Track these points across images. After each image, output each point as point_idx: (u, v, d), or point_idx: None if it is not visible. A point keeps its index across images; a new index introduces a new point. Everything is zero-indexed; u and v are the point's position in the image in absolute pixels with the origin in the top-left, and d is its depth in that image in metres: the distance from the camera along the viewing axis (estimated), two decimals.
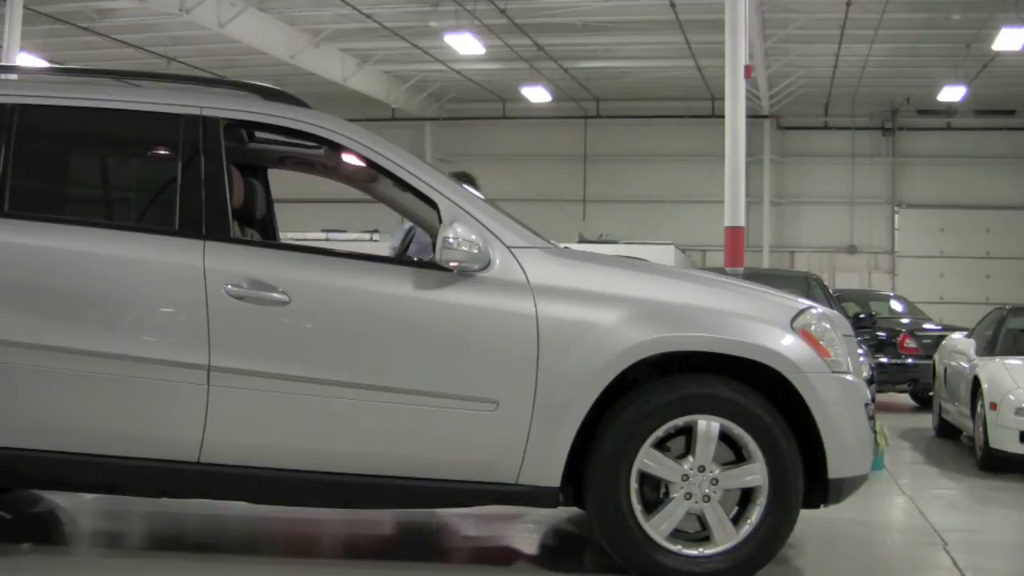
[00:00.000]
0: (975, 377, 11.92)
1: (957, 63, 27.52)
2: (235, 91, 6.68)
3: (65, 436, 5.90)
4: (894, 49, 27.12)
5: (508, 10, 24.12)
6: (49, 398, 5.86)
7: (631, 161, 34.44)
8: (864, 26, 24.40)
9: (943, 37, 25.71)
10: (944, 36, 25.59)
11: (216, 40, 24.86)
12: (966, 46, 25.86)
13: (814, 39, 26.26)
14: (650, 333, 5.91)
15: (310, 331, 5.99)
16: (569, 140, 35.32)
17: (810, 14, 23.97)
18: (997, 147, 33.30)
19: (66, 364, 5.84)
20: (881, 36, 25.26)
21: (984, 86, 29.43)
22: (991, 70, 27.81)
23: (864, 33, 25.02)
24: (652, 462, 5.96)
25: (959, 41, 25.69)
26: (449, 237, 5.87)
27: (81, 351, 5.84)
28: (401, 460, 5.97)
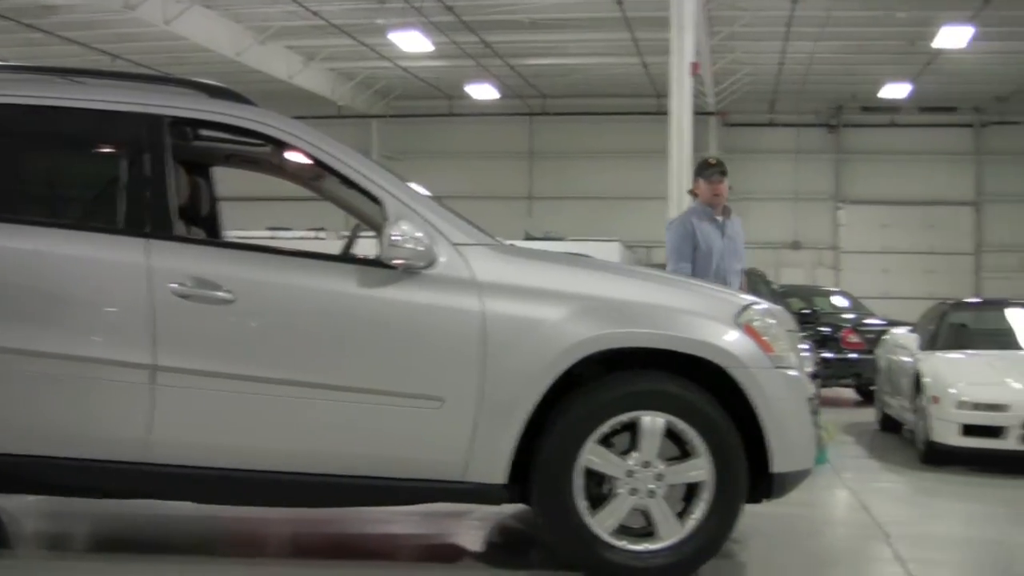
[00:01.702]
0: (917, 371, 12.03)
1: (901, 61, 27.73)
2: (180, 88, 6.66)
3: (8, 437, 5.86)
4: (839, 46, 27.29)
5: (455, 7, 24.10)
6: None
7: (577, 158, 34.49)
8: (810, 23, 24.54)
9: (888, 35, 25.89)
10: (889, 34, 25.76)
11: (161, 37, 24.69)
12: (910, 44, 26.05)
13: (760, 36, 26.37)
14: (595, 330, 5.94)
15: (255, 329, 5.98)
16: (516, 137, 35.34)
17: (756, 11, 24.06)
18: (940, 144, 33.61)
19: (9, 364, 5.81)
20: (826, 33, 25.41)
21: (927, 83, 29.68)
22: (934, 68, 28.04)
23: (810, 31, 25.17)
24: (597, 458, 5.98)
25: (903, 39, 25.87)
26: (394, 235, 5.87)
27: (25, 351, 5.80)
28: (347, 458, 5.97)
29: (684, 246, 9.10)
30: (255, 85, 23.84)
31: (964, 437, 10.95)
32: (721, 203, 9.23)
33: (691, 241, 9.09)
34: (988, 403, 10.91)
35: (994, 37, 25.08)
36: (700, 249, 9.07)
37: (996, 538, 8.23)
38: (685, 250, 9.09)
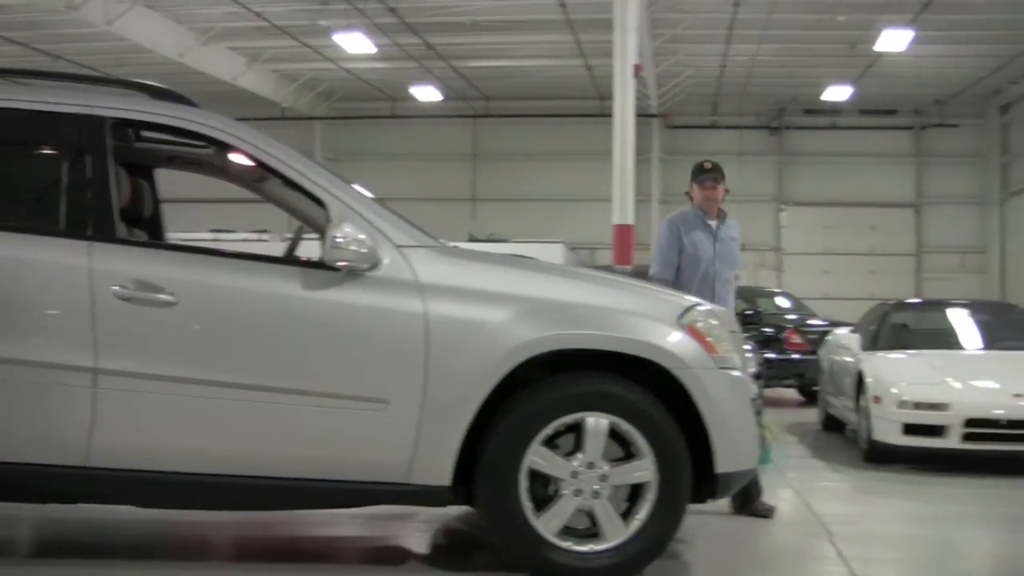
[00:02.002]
0: (859, 371, 12.12)
1: (842, 63, 27.95)
2: (122, 90, 6.63)
3: None
4: (781, 49, 27.48)
5: (398, 9, 24.08)
6: None
7: (521, 160, 34.56)
8: (752, 26, 24.69)
9: (829, 38, 26.09)
10: (830, 37, 25.95)
11: (104, 38, 24.53)
12: (851, 47, 26.25)
13: (702, 39, 26.51)
14: (539, 331, 5.94)
15: (198, 332, 5.95)
16: (459, 139, 35.35)
17: (698, 14, 24.19)
18: (880, 146, 33.94)
19: None
20: (768, 36, 25.57)
21: (868, 86, 29.92)
22: (875, 70, 28.28)
23: (752, 33, 25.31)
24: (542, 460, 5.99)
25: (844, 42, 26.07)
26: (337, 236, 5.86)
27: None
28: (291, 461, 5.95)
29: (669, 252, 8.83)
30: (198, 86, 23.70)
31: (905, 436, 11.04)
32: (714, 208, 8.96)
33: (676, 246, 8.82)
34: (929, 402, 11.01)
35: (933, 41, 25.33)
36: (687, 254, 8.77)
37: (937, 536, 8.30)
38: (670, 256, 8.81)
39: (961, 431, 10.83)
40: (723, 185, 8.98)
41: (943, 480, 10.70)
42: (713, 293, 8.51)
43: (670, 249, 8.81)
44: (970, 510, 9.44)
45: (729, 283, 8.86)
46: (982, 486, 10.48)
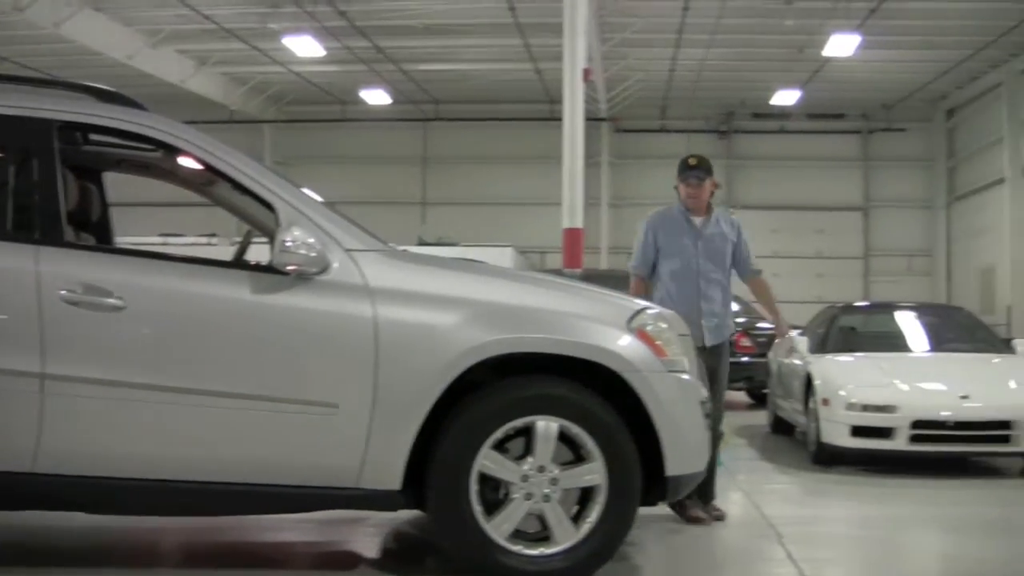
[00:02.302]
0: (808, 374, 12.19)
1: (791, 68, 28.12)
2: (69, 92, 6.57)
3: None
4: (730, 53, 27.61)
5: (348, 12, 24.05)
6: None
7: (471, 164, 34.55)
8: (700, 31, 24.80)
9: (777, 42, 26.25)
10: (778, 41, 26.11)
11: (51, 40, 24.34)
12: (799, 51, 26.41)
13: (652, 43, 26.59)
14: (488, 335, 5.94)
15: (147, 336, 5.91)
16: (409, 143, 35.31)
17: (647, 18, 24.28)
18: (829, 150, 34.18)
19: None
20: (717, 41, 25.69)
21: (816, 90, 30.13)
22: (823, 75, 28.47)
23: (700, 38, 25.43)
24: (492, 463, 5.99)
25: (792, 46, 26.23)
26: (286, 240, 5.84)
27: None
28: (241, 465, 5.92)
29: (644, 250, 8.74)
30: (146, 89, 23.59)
31: (854, 438, 11.11)
32: (698, 205, 8.72)
33: (652, 244, 8.70)
34: (877, 404, 11.08)
35: (880, 46, 25.53)
36: (665, 252, 8.65)
37: (885, 536, 8.35)
38: (645, 254, 8.73)
39: (909, 433, 10.91)
40: (710, 181, 8.78)
41: (891, 482, 10.77)
42: (698, 291, 8.55)
43: (644, 247, 8.72)
44: (917, 511, 9.52)
45: (717, 282, 8.67)
46: (929, 487, 10.56)
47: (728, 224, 8.87)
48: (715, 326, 8.58)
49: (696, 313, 8.38)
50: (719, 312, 8.64)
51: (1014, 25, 24.48)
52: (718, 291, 8.67)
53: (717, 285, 8.66)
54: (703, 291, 8.58)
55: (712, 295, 8.61)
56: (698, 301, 8.55)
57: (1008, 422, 10.92)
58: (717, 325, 8.60)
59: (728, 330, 8.80)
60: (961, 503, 9.83)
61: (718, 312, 8.63)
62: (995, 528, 8.80)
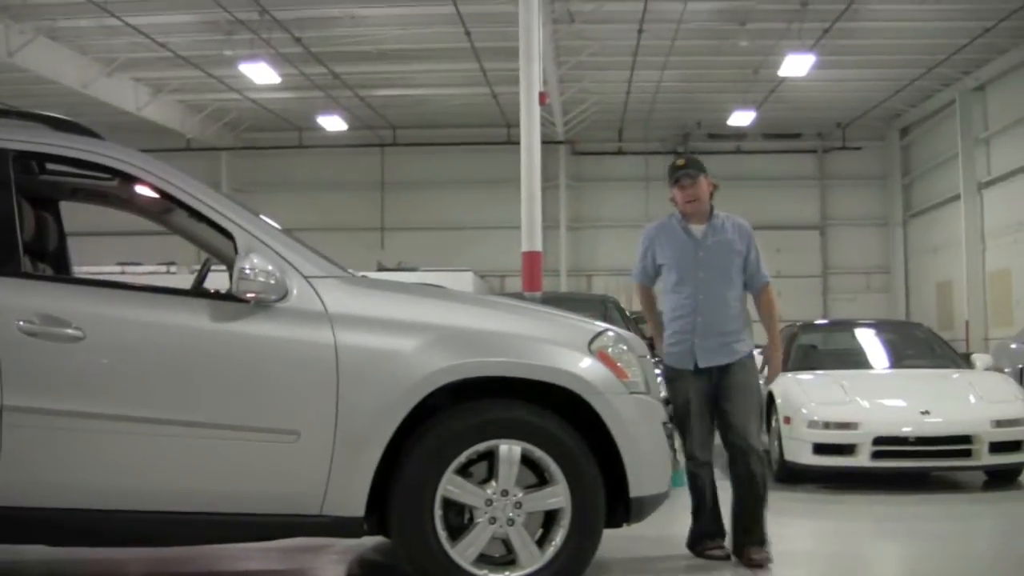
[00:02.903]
0: (769, 392, 12.22)
1: (746, 88, 28.27)
2: (24, 121, 6.51)
3: None
4: (685, 75, 27.76)
5: (303, 39, 24.03)
6: None
7: (429, 188, 34.53)
8: (655, 53, 24.90)
9: (732, 63, 26.41)
10: (733, 62, 26.28)
11: (5, 69, 24.23)
12: (754, 72, 26.58)
13: (607, 66, 26.70)
14: (449, 359, 5.93)
15: (106, 366, 5.86)
16: (366, 168, 35.27)
17: (603, 41, 24.38)
18: (785, 169, 34.36)
19: None
20: (672, 63, 25.81)
21: (772, 110, 30.29)
22: (778, 95, 28.63)
23: (655, 60, 25.53)
24: (455, 488, 5.97)
25: (747, 67, 26.40)
26: (245, 268, 5.81)
27: None
28: (203, 495, 5.88)
29: (642, 263, 8.03)
30: (103, 117, 23.57)
31: (817, 456, 11.16)
32: (698, 209, 7.83)
33: (650, 257, 7.96)
34: (839, 422, 11.14)
35: (834, 65, 25.76)
36: (665, 267, 7.88)
37: (849, 552, 8.39)
38: (644, 267, 8.03)
39: (871, 449, 10.96)
40: (704, 179, 7.86)
41: (853, 498, 10.81)
42: (695, 307, 7.71)
43: (643, 262, 8.01)
44: (880, 527, 9.55)
45: (720, 296, 7.74)
46: (891, 503, 10.59)
47: (736, 230, 7.92)
48: (716, 346, 7.65)
49: (689, 331, 7.68)
50: (723, 330, 7.68)
51: (965, 43, 24.71)
52: (722, 307, 7.72)
53: (720, 300, 7.73)
54: (700, 307, 7.70)
55: (714, 311, 7.69)
56: (693, 318, 7.69)
57: (968, 436, 11.00)
58: (720, 344, 7.66)
59: (737, 350, 7.71)
60: (923, 518, 9.88)
61: (721, 330, 7.68)
62: (955, 541, 8.85)
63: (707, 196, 7.89)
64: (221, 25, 23.22)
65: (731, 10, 22.70)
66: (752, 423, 7.73)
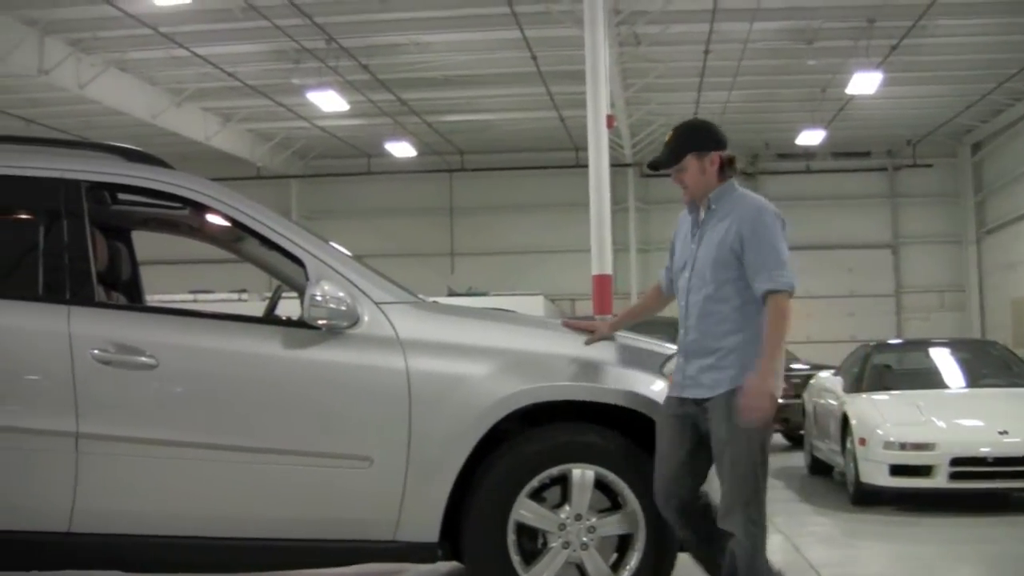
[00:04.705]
0: (844, 414, 12.12)
1: (814, 107, 28.06)
2: (97, 153, 6.60)
3: None
4: (752, 95, 27.60)
5: (370, 66, 24.13)
6: None
7: (498, 213, 34.53)
8: (722, 73, 24.79)
9: (799, 82, 26.25)
10: (800, 81, 26.12)
11: (76, 101, 24.53)
12: (822, 91, 26.39)
13: (674, 87, 26.63)
14: (521, 384, 5.92)
15: (179, 394, 5.90)
16: (435, 194, 35.32)
17: (669, 63, 24.30)
18: (855, 188, 34.05)
19: None
20: (739, 83, 25.68)
21: (840, 129, 30.05)
22: (847, 113, 28.40)
23: (722, 80, 25.42)
24: (528, 513, 5.96)
25: (815, 86, 26.22)
26: (316, 295, 5.83)
27: None
28: (277, 521, 5.91)
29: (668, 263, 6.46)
30: (172, 147, 23.81)
31: (893, 477, 11.04)
32: (695, 195, 6.23)
33: (671, 256, 6.44)
34: (915, 443, 11.02)
35: (902, 82, 25.52)
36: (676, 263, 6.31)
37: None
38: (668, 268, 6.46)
39: (948, 470, 10.83)
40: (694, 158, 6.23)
41: (931, 520, 10.68)
42: (684, 318, 6.06)
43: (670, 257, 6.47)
44: (957, 549, 9.43)
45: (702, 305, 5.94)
46: (969, 525, 10.46)
47: (737, 217, 6.02)
48: (695, 371, 5.90)
49: (681, 350, 6.07)
50: (706, 350, 5.90)
51: None
52: (705, 319, 5.93)
53: (702, 309, 5.95)
54: (686, 317, 6.04)
55: (697, 326, 5.96)
56: (683, 332, 6.06)
57: None
58: (700, 370, 5.89)
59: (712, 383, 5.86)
60: (1000, 540, 9.75)
61: (705, 350, 5.91)
62: None
63: (703, 177, 6.19)
64: (289, 54, 23.37)
65: (798, 29, 22.57)
66: (732, 495, 5.79)
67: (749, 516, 5.75)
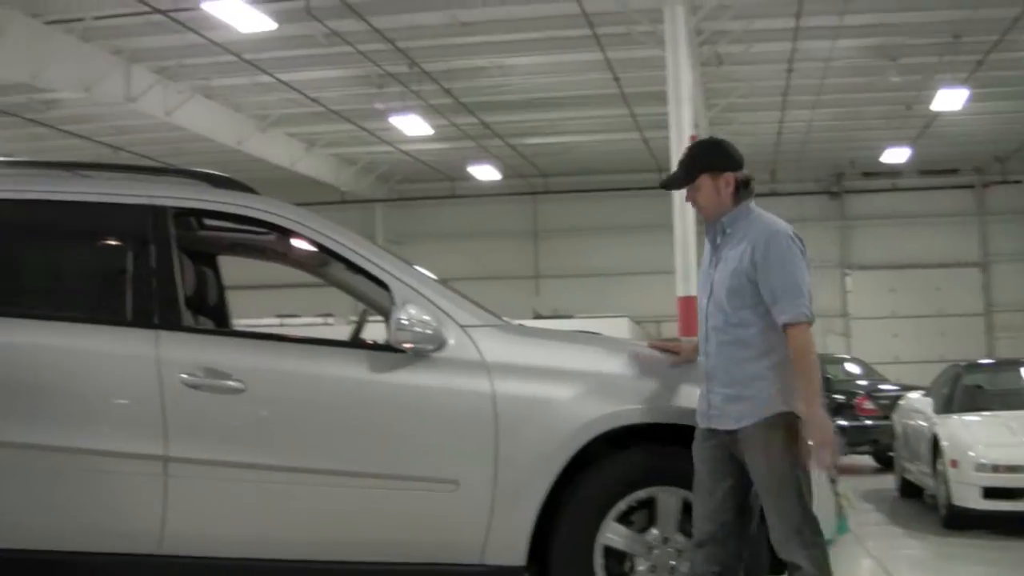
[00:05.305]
0: (934, 435, 11.97)
1: (899, 125, 27.82)
2: (183, 179, 6.68)
3: (21, 533, 5.81)
4: (837, 113, 27.41)
5: (453, 90, 24.22)
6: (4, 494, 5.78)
7: (582, 235, 34.48)
8: (806, 92, 24.66)
9: (884, 100, 26.00)
10: (885, 99, 25.87)
11: (163, 128, 24.85)
12: (907, 108, 26.15)
13: (757, 107, 26.49)
14: (609, 407, 5.89)
15: (267, 418, 5.94)
16: (519, 216, 35.38)
17: (752, 82, 24.19)
18: (942, 206, 33.61)
19: (21, 459, 5.78)
20: (823, 101, 25.53)
21: (927, 146, 29.75)
22: (933, 130, 28.11)
23: (806, 99, 25.28)
24: (616, 536, 5.93)
25: (900, 103, 25.98)
26: (402, 318, 5.85)
27: (36, 445, 5.78)
28: (363, 544, 5.92)
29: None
30: (258, 173, 24.02)
31: (986, 500, 10.87)
32: (709, 216, 6.00)
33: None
34: (1008, 464, 10.85)
35: (989, 98, 25.19)
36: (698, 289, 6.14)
37: None
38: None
39: None
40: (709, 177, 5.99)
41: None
42: (704, 344, 5.91)
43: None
44: None
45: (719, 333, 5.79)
46: None
47: (751, 241, 5.84)
48: (719, 401, 5.72)
49: (704, 378, 5.87)
50: (726, 380, 5.71)
51: None
52: (731, 346, 5.73)
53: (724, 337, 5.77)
54: (706, 344, 5.89)
55: (720, 351, 5.78)
56: (705, 359, 5.88)
57: None
58: (724, 400, 5.69)
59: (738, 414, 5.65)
60: None
61: (725, 380, 5.71)
62: None
63: (717, 198, 5.98)
64: (372, 79, 23.51)
65: (881, 46, 22.36)
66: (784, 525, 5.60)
67: (804, 541, 5.56)
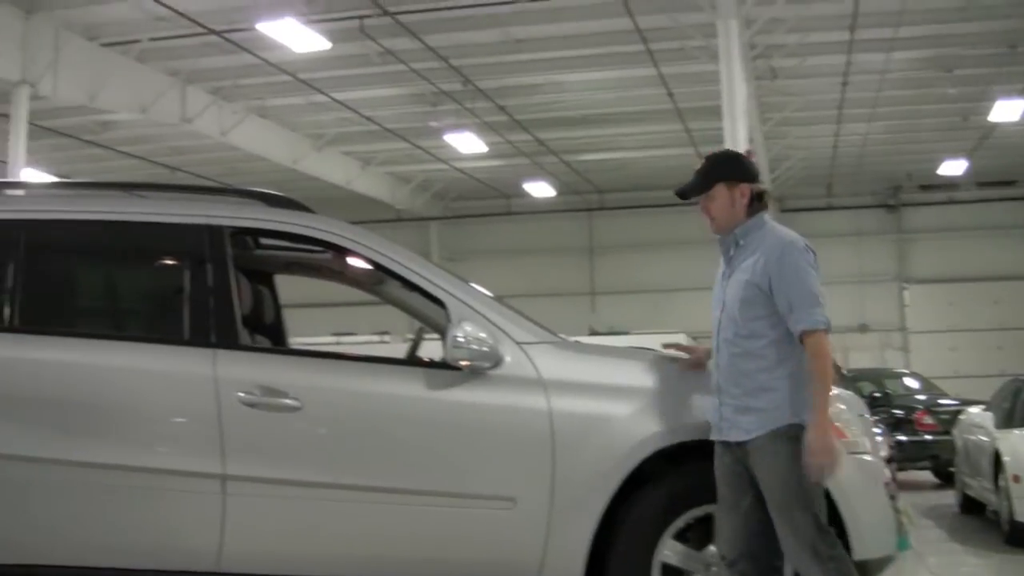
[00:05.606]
0: (996, 450, 11.85)
1: (956, 136, 27.62)
2: (240, 199, 6.72)
3: (82, 550, 5.86)
4: (892, 126, 27.25)
5: (507, 107, 24.28)
6: (66, 512, 5.82)
7: (638, 251, 34.43)
8: (861, 105, 24.53)
9: (940, 112, 25.82)
10: (941, 111, 25.70)
11: (218, 148, 25.07)
12: (963, 119, 25.96)
13: (812, 120, 26.37)
14: (666, 423, 5.87)
15: (324, 436, 5.96)
16: (575, 233, 35.38)
17: (807, 96, 24.10)
18: (1001, 218, 33.29)
19: (82, 477, 5.82)
20: (878, 114, 25.39)
21: (984, 158, 29.50)
22: (990, 142, 27.89)
23: (861, 112, 25.15)
24: (673, 553, 5.90)
25: (956, 115, 25.80)
26: (458, 336, 5.85)
27: (96, 464, 5.82)
28: (421, 563, 5.92)
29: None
30: (313, 192, 24.12)
31: None
32: (722, 227, 6.06)
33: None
34: None
35: None
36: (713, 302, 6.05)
37: None
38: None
39: None
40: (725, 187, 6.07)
41: None
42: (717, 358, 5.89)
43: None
44: None
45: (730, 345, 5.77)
46: None
47: (764, 253, 5.86)
48: (730, 413, 5.73)
49: (715, 390, 5.84)
50: (736, 391, 5.71)
51: None
52: (743, 359, 5.71)
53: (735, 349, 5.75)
54: (718, 356, 5.88)
55: (732, 363, 5.76)
56: (716, 371, 5.87)
57: None
58: (735, 411, 5.70)
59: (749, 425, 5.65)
60: None
61: (735, 391, 5.72)
62: None
63: (732, 209, 6.01)
64: (426, 97, 23.61)
65: (936, 58, 22.22)
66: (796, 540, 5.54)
67: (820, 556, 5.52)
